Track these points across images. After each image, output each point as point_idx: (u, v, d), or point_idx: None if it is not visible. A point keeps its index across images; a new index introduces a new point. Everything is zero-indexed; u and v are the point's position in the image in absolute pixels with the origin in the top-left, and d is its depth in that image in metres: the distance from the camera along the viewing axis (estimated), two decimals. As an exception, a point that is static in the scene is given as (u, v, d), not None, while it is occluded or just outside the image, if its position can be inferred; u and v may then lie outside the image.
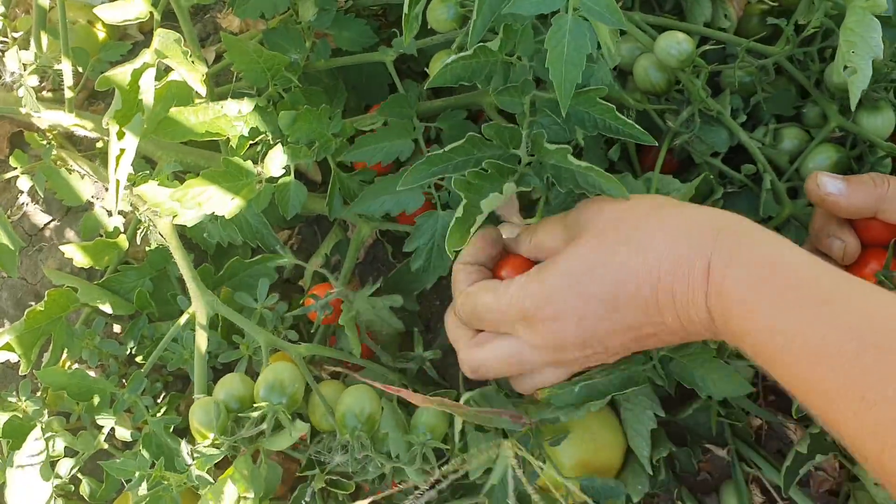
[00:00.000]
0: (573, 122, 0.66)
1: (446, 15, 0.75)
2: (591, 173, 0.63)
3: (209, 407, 0.67)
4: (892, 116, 0.74)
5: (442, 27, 0.77)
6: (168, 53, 0.68)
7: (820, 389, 0.47)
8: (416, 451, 0.67)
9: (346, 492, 0.73)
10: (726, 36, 0.78)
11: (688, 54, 0.71)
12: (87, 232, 0.91)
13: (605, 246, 0.58)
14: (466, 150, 0.66)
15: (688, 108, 0.75)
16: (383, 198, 0.77)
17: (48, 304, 0.79)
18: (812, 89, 0.77)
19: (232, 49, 0.76)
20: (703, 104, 0.73)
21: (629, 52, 0.77)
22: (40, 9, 0.82)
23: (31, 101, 0.83)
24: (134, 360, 0.86)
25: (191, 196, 0.69)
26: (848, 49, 0.65)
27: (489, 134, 0.66)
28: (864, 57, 0.64)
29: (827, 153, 0.75)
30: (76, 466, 0.76)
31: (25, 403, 0.77)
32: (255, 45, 0.77)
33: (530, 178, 0.65)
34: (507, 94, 0.65)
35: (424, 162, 0.67)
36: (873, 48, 0.64)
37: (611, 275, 0.56)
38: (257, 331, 0.76)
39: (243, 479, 0.62)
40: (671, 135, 0.77)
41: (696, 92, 0.73)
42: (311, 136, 0.77)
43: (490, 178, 0.65)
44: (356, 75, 0.90)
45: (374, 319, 0.84)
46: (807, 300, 0.49)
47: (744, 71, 0.76)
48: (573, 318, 0.57)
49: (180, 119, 0.74)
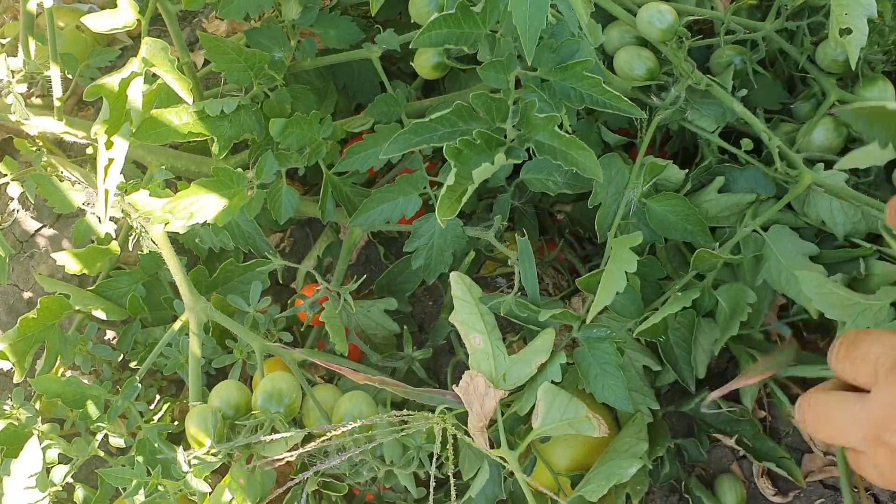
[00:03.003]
0: (559, 97, 0.65)
1: (428, 7, 0.75)
2: (572, 150, 0.62)
3: (206, 414, 0.67)
4: (889, 88, 0.73)
5: (424, 20, 0.76)
6: (155, 62, 0.68)
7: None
8: (411, 455, 0.68)
9: (339, 493, 0.74)
10: (712, 13, 0.75)
11: (670, 24, 0.69)
12: (79, 238, 0.91)
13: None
14: (451, 120, 0.66)
15: (676, 86, 0.73)
16: (382, 206, 0.77)
17: (41, 312, 0.79)
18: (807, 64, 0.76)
19: (210, 48, 0.76)
20: (691, 78, 0.71)
21: (619, 37, 0.76)
22: (28, 15, 0.82)
23: (20, 107, 0.83)
24: (128, 365, 0.86)
25: (182, 207, 0.69)
26: (841, 11, 0.64)
27: (476, 104, 0.65)
28: (858, 16, 0.64)
29: (826, 125, 0.74)
30: (70, 473, 0.76)
31: (19, 411, 0.77)
32: (234, 43, 0.76)
33: (518, 151, 0.65)
34: (492, 68, 0.65)
35: (409, 131, 0.67)
36: (865, 6, 0.63)
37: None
38: (251, 336, 0.76)
39: (240, 488, 0.62)
40: (660, 113, 0.75)
41: (680, 65, 0.71)
42: (302, 142, 0.78)
43: (479, 149, 0.65)
44: (346, 75, 0.90)
45: (368, 324, 0.85)
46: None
47: (734, 50, 0.75)
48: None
49: (163, 120, 0.73)
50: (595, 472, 0.69)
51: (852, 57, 0.65)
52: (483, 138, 0.65)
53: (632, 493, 0.75)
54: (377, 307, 0.83)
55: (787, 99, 0.80)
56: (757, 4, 0.80)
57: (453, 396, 0.69)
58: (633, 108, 0.64)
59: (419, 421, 0.64)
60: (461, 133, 0.66)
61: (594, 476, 0.69)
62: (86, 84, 0.93)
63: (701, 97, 0.74)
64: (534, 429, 0.66)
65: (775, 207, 0.72)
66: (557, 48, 0.65)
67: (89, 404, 0.77)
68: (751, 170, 0.75)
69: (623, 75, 0.75)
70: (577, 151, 0.63)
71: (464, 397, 0.67)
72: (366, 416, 0.70)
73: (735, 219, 0.75)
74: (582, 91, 0.65)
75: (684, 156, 0.84)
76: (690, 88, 0.73)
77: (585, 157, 0.63)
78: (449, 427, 0.64)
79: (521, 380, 0.68)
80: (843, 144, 0.74)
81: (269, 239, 0.85)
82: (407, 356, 0.81)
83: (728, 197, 0.75)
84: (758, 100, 0.78)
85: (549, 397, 0.66)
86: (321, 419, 0.72)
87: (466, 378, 0.68)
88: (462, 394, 0.67)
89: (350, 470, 0.69)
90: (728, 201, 0.75)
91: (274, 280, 0.91)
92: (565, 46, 0.65)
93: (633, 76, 0.74)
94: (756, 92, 0.77)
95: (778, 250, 0.72)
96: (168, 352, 0.80)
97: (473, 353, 0.69)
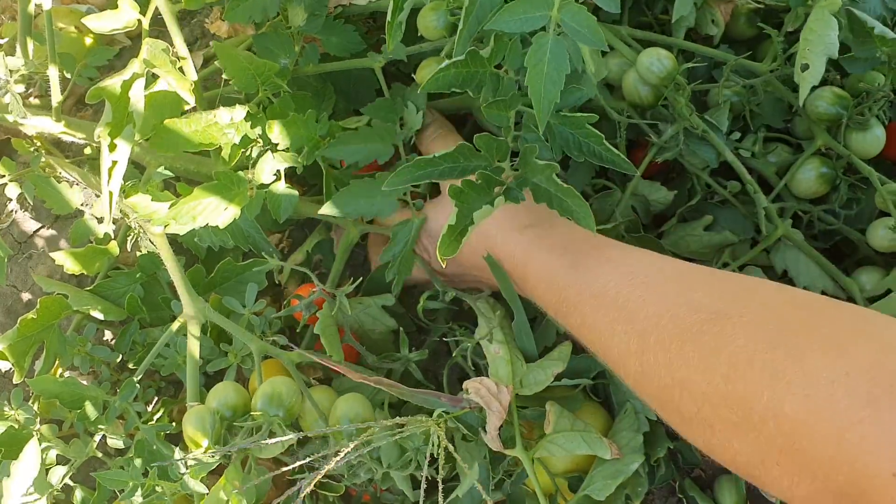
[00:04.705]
0: (558, 141, 0.67)
1: (436, 23, 0.76)
2: (569, 198, 0.64)
3: (203, 415, 0.67)
4: (879, 135, 0.75)
5: (431, 35, 0.77)
6: (156, 63, 0.68)
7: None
8: (408, 457, 0.68)
9: (336, 494, 0.74)
10: (713, 52, 0.79)
11: (668, 71, 0.72)
12: (77, 239, 0.91)
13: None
14: (454, 157, 0.67)
15: (674, 126, 0.76)
16: (359, 201, 0.78)
17: (40, 312, 0.79)
18: (799, 106, 0.78)
19: (222, 56, 0.76)
20: (688, 122, 0.74)
21: (618, 66, 0.78)
22: (26, 15, 0.82)
23: (18, 107, 0.83)
24: (126, 365, 0.86)
25: (185, 211, 0.70)
26: (805, 47, 0.66)
27: (480, 144, 0.66)
28: (818, 54, 0.66)
29: (813, 165, 0.77)
30: (68, 474, 0.76)
31: (17, 412, 0.77)
32: (247, 52, 0.77)
33: (516, 192, 0.66)
34: (496, 107, 0.66)
35: (411, 165, 0.68)
36: (828, 45, 0.66)
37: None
38: (249, 338, 0.76)
39: (235, 489, 0.62)
40: (656, 149, 0.78)
41: (679, 109, 0.74)
42: (299, 142, 0.78)
43: (480, 189, 0.66)
44: (344, 80, 0.90)
45: (366, 319, 0.85)
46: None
47: (731, 90, 0.77)
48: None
49: (175, 130, 0.74)
50: (598, 471, 0.70)
51: (802, 93, 0.68)
52: (484, 179, 0.66)
53: (632, 493, 0.75)
54: (374, 303, 0.84)
55: (790, 116, 0.82)
56: (756, 10, 0.81)
57: (449, 399, 0.69)
58: (629, 165, 0.66)
59: (416, 425, 0.65)
60: (462, 170, 0.67)
61: (597, 474, 0.70)
62: (84, 84, 0.93)
63: (697, 139, 0.77)
64: (546, 434, 0.68)
65: (752, 252, 0.79)
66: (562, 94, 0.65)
67: (87, 405, 0.77)
68: (732, 210, 0.81)
69: (630, 96, 0.77)
70: (573, 200, 0.64)
71: (480, 400, 0.69)
72: (363, 417, 0.70)
73: (711, 255, 0.81)
74: (581, 140, 0.66)
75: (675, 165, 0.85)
76: (687, 130, 0.76)
77: (580, 206, 0.64)
78: (442, 432, 0.64)
79: (538, 386, 0.70)
80: (828, 189, 0.79)
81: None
82: (403, 357, 0.81)
83: (712, 236, 0.80)
84: (762, 117, 0.80)
85: (556, 409, 0.69)
86: (318, 421, 0.72)
87: (473, 384, 0.69)
88: (477, 397, 0.69)
89: (347, 471, 0.69)
90: (711, 240, 0.80)
91: (271, 280, 0.91)
92: (569, 93, 0.67)
93: (640, 97, 0.76)
94: (762, 108, 0.79)
95: None
96: (166, 352, 0.80)
97: (493, 362, 0.73)
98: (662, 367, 0.54)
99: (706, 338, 0.51)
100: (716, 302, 0.54)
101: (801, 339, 0.47)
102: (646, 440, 0.71)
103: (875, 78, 0.75)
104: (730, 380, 0.48)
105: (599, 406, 0.77)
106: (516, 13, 0.57)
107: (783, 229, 0.78)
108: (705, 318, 0.52)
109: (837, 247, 0.85)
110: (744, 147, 0.79)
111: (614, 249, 0.67)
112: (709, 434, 0.52)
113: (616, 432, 0.73)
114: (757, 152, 0.79)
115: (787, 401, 0.45)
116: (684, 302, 0.55)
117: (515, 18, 0.57)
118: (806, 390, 0.44)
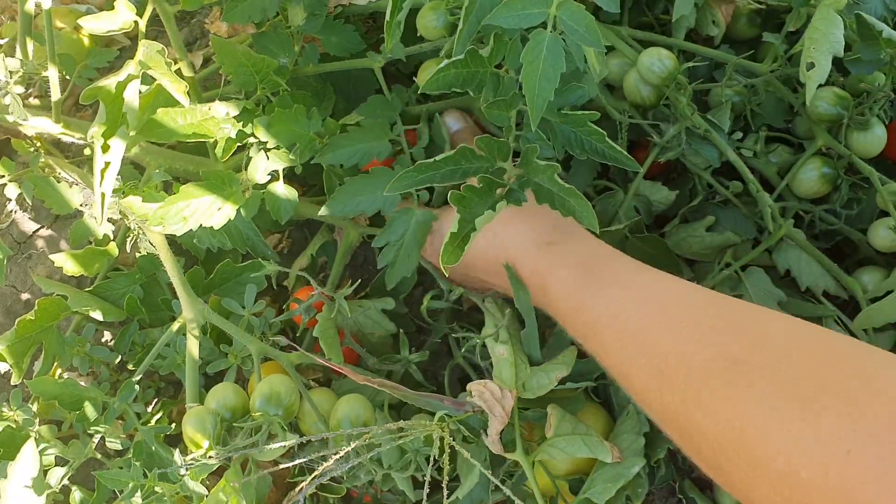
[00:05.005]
0: (560, 140, 0.66)
1: (436, 23, 0.76)
2: (571, 198, 0.63)
3: (203, 417, 0.67)
4: (880, 134, 0.75)
5: (431, 35, 0.77)
6: (152, 64, 0.68)
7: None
8: (408, 459, 0.68)
9: (337, 496, 0.74)
10: (713, 52, 0.78)
11: (669, 71, 0.72)
12: (77, 239, 0.91)
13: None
14: (455, 160, 0.67)
15: (675, 126, 0.75)
16: (358, 198, 0.77)
17: (39, 313, 0.79)
18: (800, 106, 0.78)
19: (221, 53, 0.76)
20: (690, 121, 0.74)
21: (619, 67, 0.78)
22: (26, 15, 0.81)
23: (18, 108, 0.82)
24: (125, 366, 0.86)
25: (174, 212, 0.69)
26: (810, 45, 0.66)
27: (481, 146, 0.66)
28: (824, 52, 0.66)
29: (814, 165, 0.76)
30: (67, 475, 0.76)
31: (16, 413, 0.77)
32: (245, 48, 0.77)
33: (517, 194, 0.66)
34: (496, 107, 0.66)
35: (413, 169, 0.68)
36: (833, 44, 0.65)
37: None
38: (249, 339, 0.76)
39: (234, 491, 0.62)
40: (658, 149, 0.77)
41: (681, 109, 0.74)
42: (291, 139, 0.77)
43: (481, 192, 0.66)
44: (344, 80, 0.90)
45: (365, 322, 0.85)
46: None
47: (732, 90, 0.77)
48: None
49: (166, 120, 0.73)
50: (598, 474, 0.70)
51: (808, 91, 0.67)
52: (486, 182, 0.66)
53: (632, 494, 0.74)
54: (374, 306, 0.83)
55: (791, 116, 0.82)
56: (757, 10, 0.80)
57: (453, 403, 0.69)
58: (632, 162, 0.65)
59: (417, 429, 0.64)
60: (463, 172, 0.67)
61: (598, 477, 0.69)
62: (83, 85, 0.93)
63: (699, 139, 0.77)
64: (547, 438, 0.68)
65: (755, 252, 0.79)
66: (563, 92, 0.66)
67: (86, 406, 0.77)
68: (734, 210, 0.81)
69: (631, 96, 0.77)
70: (575, 200, 0.64)
71: (483, 404, 0.68)
72: (363, 419, 0.70)
73: (713, 255, 0.81)
74: (583, 137, 0.66)
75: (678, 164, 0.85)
76: (689, 130, 0.76)
77: (582, 206, 0.64)
78: (446, 436, 0.64)
79: (541, 389, 0.70)
80: (829, 189, 0.79)
81: (267, 240, 0.85)
82: (404, 359, 0.81)
83: (714, 237, 0.80)
84: (763, 117, 0.80)
85: (558, 412, 0.69)
86: (317, 423, 0.72)
87: (477, 387, 0.69)
88: (480, 401, 0.69)
89: (347, 473, 0.69)
90: (713, 241, 0.80)
91: (271, 281, 0.91)
92: (570, 91, 0.66)
93: (642, 97, 0.76)
94: (763, 107, 0.79)
95: (752, 291, 0.79)
96: (165, 353, 0.80)
97: (497, 363, 0.72)
98: (679, 409, 0.54)
99: (719, 384, 0.51)
100: (731, 345, 0.53)
101: (814, 393, 0.47)
102: (646, 441, 0.71)
103: (875, 78, 0.75)
104: (745, 435, 0.48)
105: (600, 407, 0.77)
106: (514, 9, 0.57)
107: (786, 229, 0.78)
108: (722, 366, 0.52)
109: (838, 247, 0.84)
110: (745, 147, 0.79)
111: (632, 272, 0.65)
112: (726, 481, 0.52)
113: (617, 435, 0.73)
114: (758, 152, 0.79)
115: (804, 467, 0.45)
116: (697, 339, 0.55)
117: (514, 14, 0.57)
118: (823, 458, 0.44)
